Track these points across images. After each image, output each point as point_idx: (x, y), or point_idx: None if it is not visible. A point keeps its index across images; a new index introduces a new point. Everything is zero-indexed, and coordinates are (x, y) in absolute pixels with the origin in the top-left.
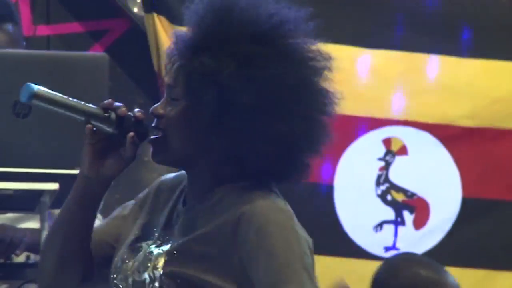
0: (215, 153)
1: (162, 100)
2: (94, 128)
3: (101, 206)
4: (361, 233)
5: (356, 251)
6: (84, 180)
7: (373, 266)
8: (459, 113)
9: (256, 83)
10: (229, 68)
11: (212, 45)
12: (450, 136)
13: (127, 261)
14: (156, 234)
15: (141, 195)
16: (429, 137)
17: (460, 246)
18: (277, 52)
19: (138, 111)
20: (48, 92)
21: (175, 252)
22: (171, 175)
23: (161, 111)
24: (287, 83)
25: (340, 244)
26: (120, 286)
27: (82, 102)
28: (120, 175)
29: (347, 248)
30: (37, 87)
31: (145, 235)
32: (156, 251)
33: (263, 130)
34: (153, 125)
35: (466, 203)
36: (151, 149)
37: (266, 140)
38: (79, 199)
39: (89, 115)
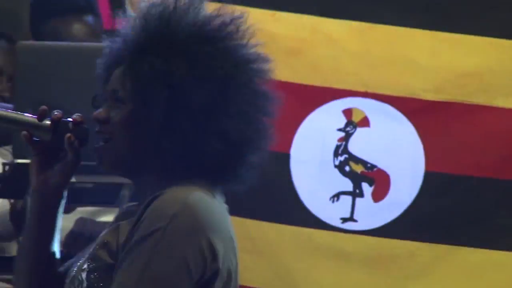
0: (163, 156)
1: (104, 105)
2: (34, 138)
3: None
4: (317, 203)
5: (312, 221)
6: (36, 195)
7: (329, 236)
8: (423, 86)
9: (207, 84)
10: (181, 69)
11: (161, 47)
12: (414, 109)
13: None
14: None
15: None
16: (392, 109)
17: (420, 220)
18: (224, 53)
19: (76, 115)
20: None
21: (96, 249)
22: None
23: (104, 115)
24: (236, 83)
25: (296, 213)
26: None
27: (18, 113)
28: None
29: (304, 217)
30: None
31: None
32: (85, 263)
33: (213, 130)
34: (96, 130)
35: (429, 177)
36: (97, 160)
37: (217, 141)
38: (37, 216)
39: (23, 125)
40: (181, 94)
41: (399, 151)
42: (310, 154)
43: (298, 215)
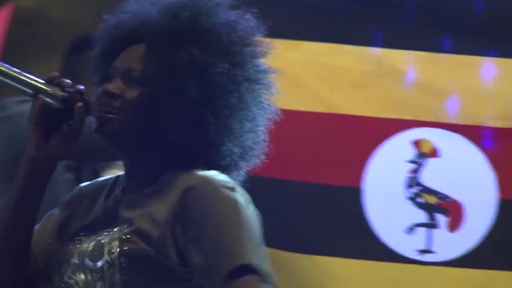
0: (174, 145)
1: (114, 81)
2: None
3: None
4: (392, 236)
5: (388, 254)
6: (31, 161)
7: (406, 269)
8: (491, 113)
9: (239, 85)
10: (222, 66)
11: (202, 41)
12: (483, 137)
13: (71, 257)
14: (98, 227)
15: (63, 200)
16: (461, 138)
17: (499, 248)
18: (255, 58)
19: (80, 86)
20: (2, 65)
21: (127, 233)
22: (88, 182)
23: (117, 91)
24: (257, 89)
25: (370, 247)
26: (70, 282)
27: (31, 76)
28: None
29: (379, 251)
30: None
31: (82, 229)
32: (105, 238)
33: (232, 132)
34: (102, 102)
35: (503, 205)
36: (96, 125)
37: (232, 142)
38: (26, 182)
39: (36, 89)
40: (216, 91)
41: (470, 180)
42: (381, 187)
43: (373, 249)
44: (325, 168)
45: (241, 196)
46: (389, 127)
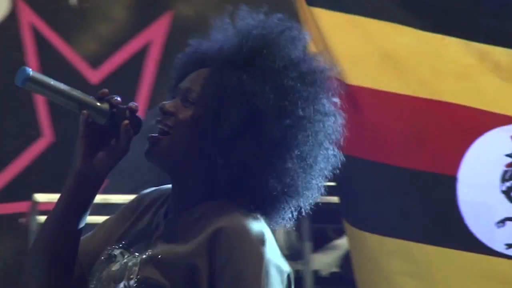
0: (215, 167)
1: (172, 100)
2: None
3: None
4: (482, 228)
5: (476, 246)
6: (77, 176)
7: (493, 262)
8: None
9: (285, 120)
10: (267, 96)
11: (255, 68)
12: None
13: (103, 271)
14: (134, 244)
15: (123, 207)
16: None
17: None
18: (310, 97)
19: (132, 104)
20: (42, 76)
21: (149, 261)
22: (152, 189)
23: (171, 109)
24: (309, 130)
25: (460, 237)
26: None
27: (77, 90)
28: None
29: (468, 242)
30: (32, 71)
31: (122, 244)
32: (132, 261)
33: (272, 165)
34: (157, 120)
35: None
36: (147, 147)
37: (271, 176)
38: (72, 197)
39: (82, 103)
40: (258, 120)
41: None
42: (477, 178)
43: (463, 239)
44: (423, 153)
45: (270, 252)
46: (490, 120)
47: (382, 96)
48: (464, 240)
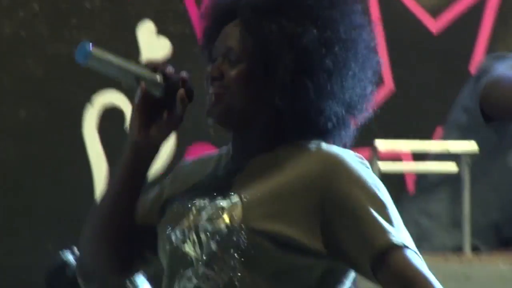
0: (278, 113)
1: (216, 61)
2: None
3: None
4: None
5: None
6: (133, 146)
7: None
8: None
9: (332, 48)
10: (310, 33)
11: (289, 9)
12: None
13: (185, 215)
14: (209, 193)
15: (164, 180)
16: None
17: None
18: (346, 18)
19: (183, 73)
20: (102, 51)
21: (251, 203)
22: (191, 159)
23: (217, 74)
24: (354, 48)
25: None
26: (180, 238)
27: (131, 62)
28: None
29: None
30: (92, 46)
31: (193, 196)
32: (224, 203)
33: (332, 92)
34: (208, 86)
35: None
36: (208, 107)
37: (334, 103)
38: (129, 168)
39: (139, 77)
40: (308, 57)
41: None
42: None
43: None
44: None
45: (365, 163)
46: None
47: None
48: None
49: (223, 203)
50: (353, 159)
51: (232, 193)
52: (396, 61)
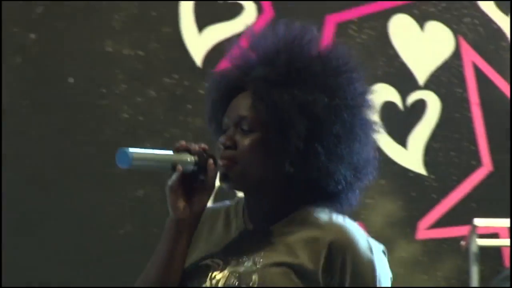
0: (289, 177)
1: (228, 131)
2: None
3: None
4: None
5: None
6: (178, 224)
7: None
8: None
9: (342, 114)
10: (321, 100)
11: (299, 79)
12: None
13: (203, 280)
14: (224, 255)
15: None
16: None
17: None
18: (351, 84)
19: (201, 144)
20: (139, 152)
21: (265, 267)
22: (208, 207)
23: (230, 142)
24: (360, 112)
25: None
26: None
27: (161, 152)
28: None
29: None
30: (130, 149)
31: (208, 256)
32: (241, 269)
33: (343, 157)
34: (222, 154)
35: None
36: (220, 175)
37: (345, 167)
38: (175, 240)
39: (173, 164)
40: (320, 124)
41: None
42: None
43: None
44: None
45: (377, 257)
46: None
47: None
48: None
49: (239, 268)
50: (362, 237)
51: (246, 258)
52: (494, 144)
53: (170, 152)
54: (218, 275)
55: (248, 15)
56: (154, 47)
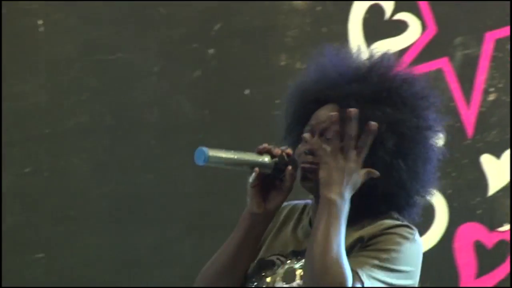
0: (369, 190)
1: (314, 138)
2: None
3: None
4: None
5: None
6: (252, 217)
7: None
8: None
9: (424, 135)
10: (410, 120)
11: (390, 98)
12: None
13: (263, 274)
14: (286, 250)
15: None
16: None
17: None
18: (432, 108)
19: (286, 148)
20: (216, 152)
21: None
22: (292, 202)
23: (316, 147)
24: (434, 135)
25: None
26: None
27: (239, 152)
28: None
29: None
30: (207, 149)
31: (274, 250)
32: (297, 265)
33: (418, 174)
34: (305, 159)
35: None
36: (301, 176)
37: (418, 183)
38: (247, 234)
39: (251, 164)
40: (407, 142)
41: None
42: None
43: None
44: None
45: (416, 245)
46: None
47: None
48: None
49: (297, 265)
50: (410, 234)
51: (301, 258)
52: None
53: (252, 153)
54: (278, 270)
55: (413, 32)
56: None
